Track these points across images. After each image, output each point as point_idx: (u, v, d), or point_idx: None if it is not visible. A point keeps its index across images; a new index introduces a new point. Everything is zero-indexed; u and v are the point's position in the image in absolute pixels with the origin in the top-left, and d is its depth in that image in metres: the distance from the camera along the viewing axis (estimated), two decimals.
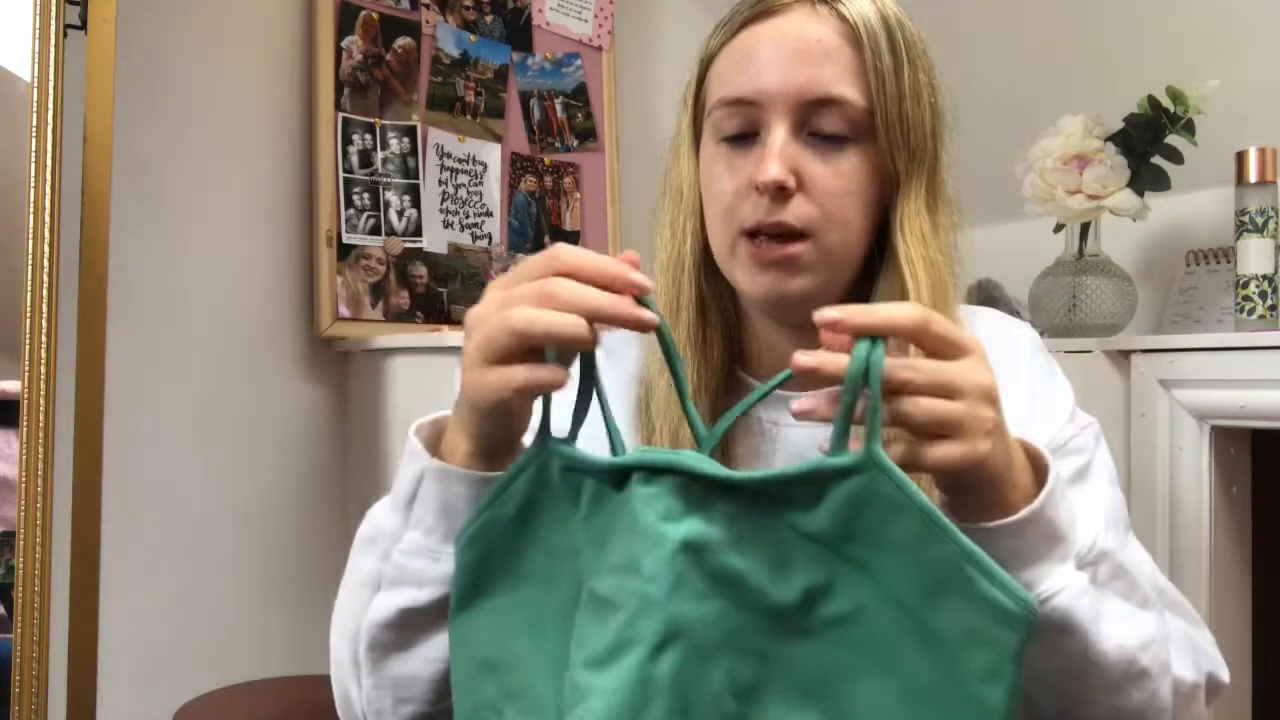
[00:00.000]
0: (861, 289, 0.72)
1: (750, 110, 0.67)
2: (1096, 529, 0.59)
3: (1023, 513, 0.52)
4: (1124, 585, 0.60)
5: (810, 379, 0.74)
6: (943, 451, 0.49)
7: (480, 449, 0.57)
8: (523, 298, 0.51)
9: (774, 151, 0.65)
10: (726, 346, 0.74)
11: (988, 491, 0.52)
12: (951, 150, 0.72)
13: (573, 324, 0.49)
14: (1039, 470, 0.55)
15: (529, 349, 0.51)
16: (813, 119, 0.67)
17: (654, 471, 0.46)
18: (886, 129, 0.67)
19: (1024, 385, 0.73)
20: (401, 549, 0.60)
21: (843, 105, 0.66)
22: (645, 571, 0.45)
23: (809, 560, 0.46)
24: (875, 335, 0.46)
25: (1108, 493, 0.72)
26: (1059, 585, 0.54)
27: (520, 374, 0.51)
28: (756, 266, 0.68)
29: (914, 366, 0.49)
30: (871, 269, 0.72)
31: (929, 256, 0.68)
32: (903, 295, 0.68)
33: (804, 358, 0.47)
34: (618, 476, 0.48)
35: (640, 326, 0.50)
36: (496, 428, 0.56)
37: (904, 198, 0.69)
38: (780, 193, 0.65)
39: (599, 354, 0.81)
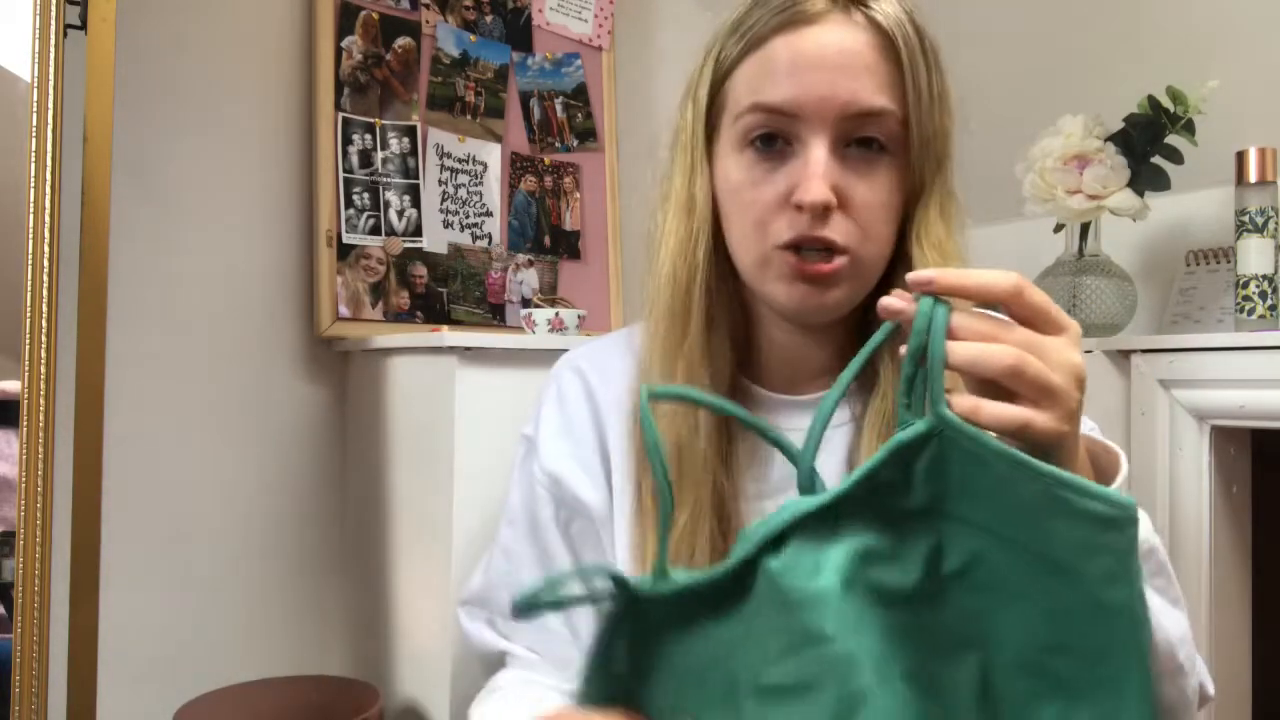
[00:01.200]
0: (877, 295, 0.72)
1: (786, 120, 0.66)
2: (1148, 525, 0.60)
3: None
4: (1164, 582, 0.62)
5: (814, 383, 0.74)
6: (1034, 416, 0.48)
7: None
8: None
9: (818, 170, 0.65)
10: (732, 355, 0.74)
11: None
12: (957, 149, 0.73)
13: None
14: (1102, 464, 0.56)
15: None
16: (852, 133, 0.66)
17: (771, 544, 0.46)
18: (920, 141, 0.67)
19: None
20: None
21: (882, 117, 0.66)
22: (829, 633, 0.45)
23: (916, 531, 0.47)
24: (966, 297, 0.47)
25: None
26: None
27: None
28: (793, 276, 0.67)
29: (1007, 324, 0.48)
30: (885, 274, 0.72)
31: (947, 265, 0.68)
32: None
33: (889, 302, 0.49)
34: (735, 577, 0.48)
35: None
36: None
37: (923, 206, 0.69)
38: (824, 212, 0.65)
39: (591, 376, 0.81)
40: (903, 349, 0.49)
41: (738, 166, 0.69)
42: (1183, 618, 0.63)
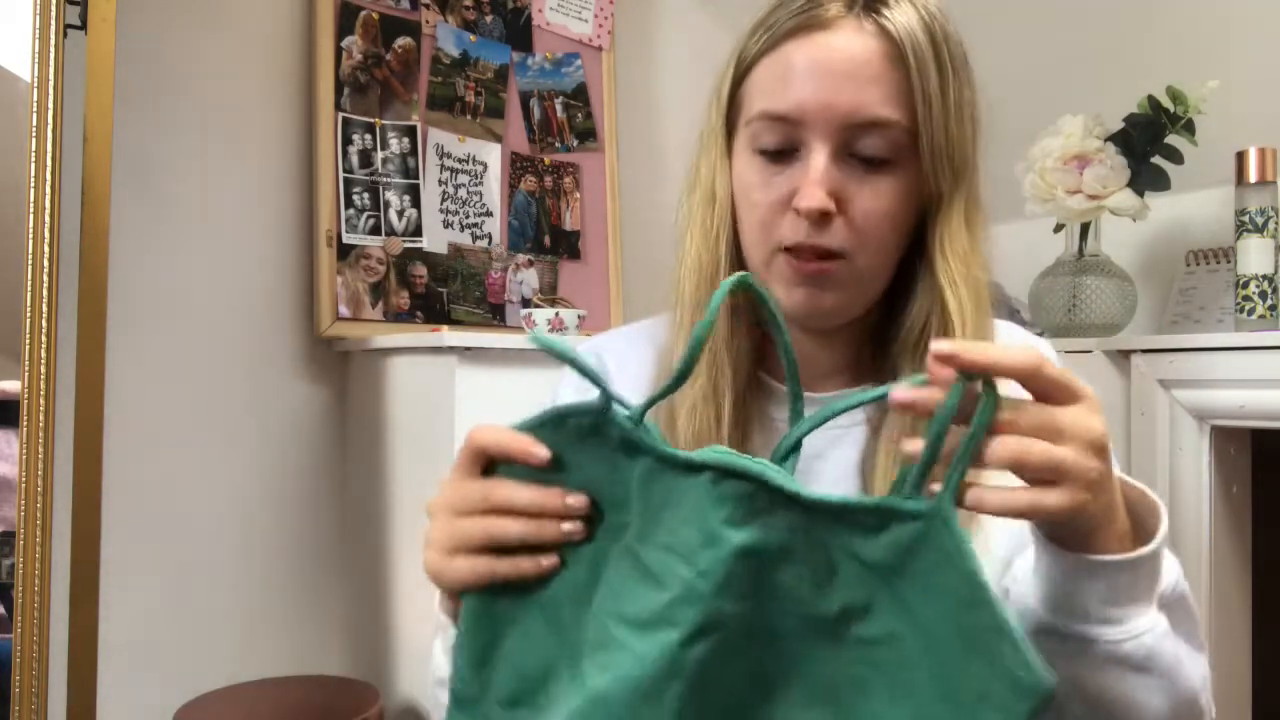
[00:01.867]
0: (893, 300, 0.72)
1: (791, 127, 0.67)
2: (1178, 571, 0.60)
3: (1140, 552, 0.52)
4: (1191, 626, 0.62)
5: (827, 382, 0.74)
6: (1041, 498, 0.48)
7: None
8: (475, 502, 0.53)
9: (816, 177, 0.65)
10: (751, 348, 0.74)
11: (1082, 536, 0.52)
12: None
13: (539, 529, 0.52)
14: (1139, 514, 0.55)
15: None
16: (855, 141, 0.66)
17: (727, 472, 0.47)
18: (932, 151, 0.66)
19: None
20: None
21: (887, 128, 0.66)
22: (698, 565, 0.47)
23: (854, 581, 0.47)
24: (986, 374, 0.46)
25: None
26: (1147, 625, 0.54)
27: (492, 566, 0.53)
28: (793, 280, 0.68)
29: (1019, 408, 0.48)
30: (899, 279, 0.72)
31: (971, 275, 0.68)
32: (943, 313, 0.68)
33: (901, 394, 0.47)
34: (684, 466, 0.49)
35: (575, 510, 0.52)
36: None
37: (945, 216, 0.68)
38: (822, 218, 0.66)
39: (610, 364, 0.82)
40: (911, 444, 0.48)
41: (748, 167, 0.71)
42: (1204, 660, 0.63)
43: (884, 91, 0.65)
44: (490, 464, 0.54)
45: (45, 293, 1.08)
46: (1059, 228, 1.39)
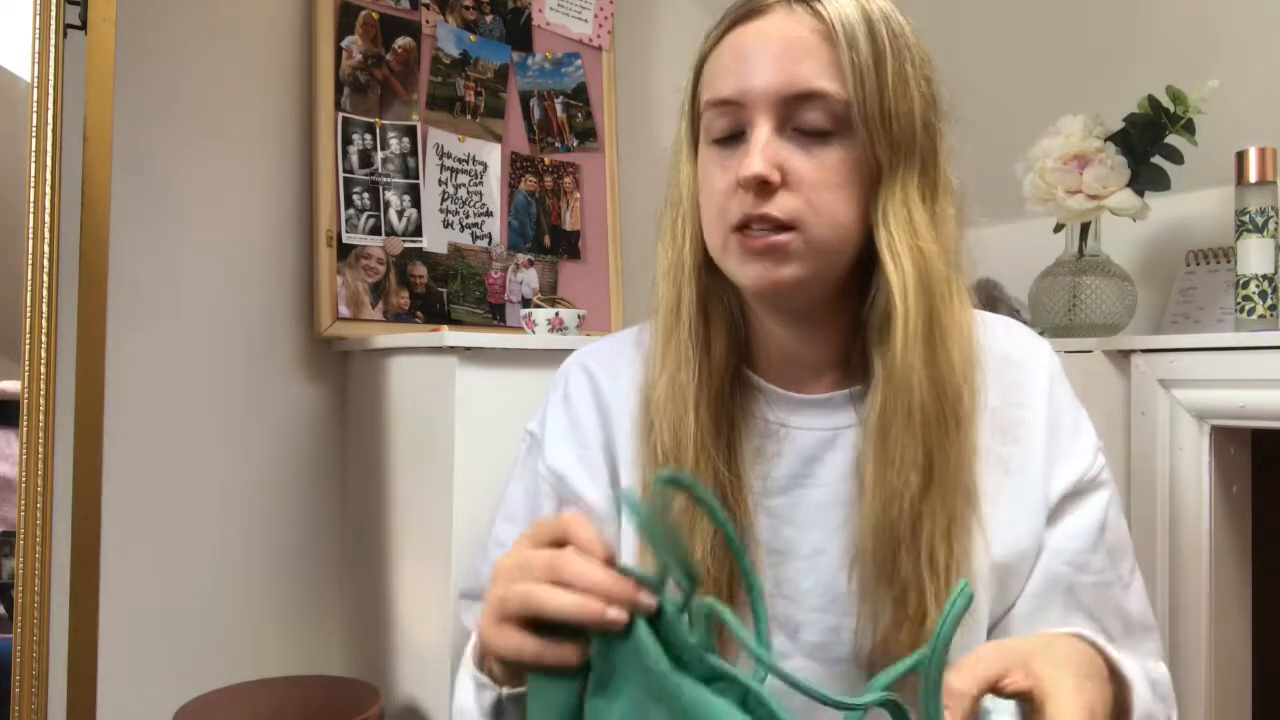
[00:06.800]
0: (862, 281, 0.73)
1: (737, 110, 0.69)
2: (1149, 703, 0.64)
3: None
4: None
5: (817, 381, 0.74)
6: None
7: (517, 670, 0.60)
8: (537, 568, 0.53)
9: (756, 148, 0.67)
10: (731, 345, 0.75)
11: None
12: (951, 141, 0.73)
13: (581, 606, 0.50)
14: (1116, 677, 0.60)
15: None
16: (795, 115, 0.68)
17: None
18: (866, 121, 0.68)
19: (1044, 412, 0.74)
20: None
21: (824, 99, 0.67)
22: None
23: None
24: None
25: (1120, 524, 0.75)
26: None
27: (530, 648, 0.53)
28: (746, 256, 0.69)
29: None
30: (870, 261, 0.73)
31: (918, 246, 0.68)
32: (888, 286, 0.68)
33: None
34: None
35: (641, 608, 0.51)
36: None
37: (888, 189, 0.69)
38: (763, 187, 0.67)
39: (599, 374, 0.82)
40: None
41: (704, 161, 0.73)
42: None
43: (817, 65, 0.68)
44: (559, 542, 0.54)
45: (45, 293, 1.08)
46: (1059, 228, 1.39)
